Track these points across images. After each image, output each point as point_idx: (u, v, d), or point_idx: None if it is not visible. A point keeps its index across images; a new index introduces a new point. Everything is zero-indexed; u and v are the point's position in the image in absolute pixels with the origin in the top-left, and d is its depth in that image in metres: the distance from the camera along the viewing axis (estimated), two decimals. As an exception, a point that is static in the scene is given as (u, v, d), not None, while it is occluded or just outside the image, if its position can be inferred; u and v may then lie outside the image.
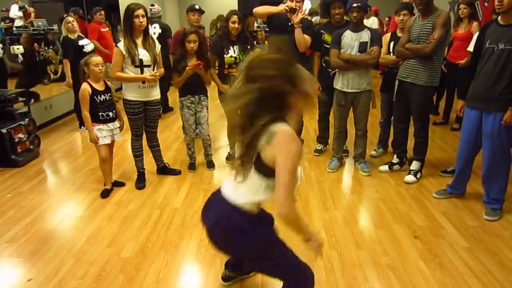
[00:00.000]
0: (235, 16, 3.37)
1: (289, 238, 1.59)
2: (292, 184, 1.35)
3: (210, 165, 3.70)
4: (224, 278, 2.10)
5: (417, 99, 3.15)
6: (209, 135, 3.59)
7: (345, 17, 3.52)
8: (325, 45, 3.54)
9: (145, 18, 2.93)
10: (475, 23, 4.28)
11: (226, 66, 3.48)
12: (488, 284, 2.07)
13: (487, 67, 2.55)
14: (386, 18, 7.97)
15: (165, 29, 5.13)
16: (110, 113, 3.03)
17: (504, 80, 2.48)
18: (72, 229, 2.68)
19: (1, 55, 4.56)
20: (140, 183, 3.30)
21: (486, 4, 5.69)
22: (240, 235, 1.49)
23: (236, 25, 3.34)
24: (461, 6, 4.36)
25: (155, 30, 4.95)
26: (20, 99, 4.19)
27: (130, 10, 2.88)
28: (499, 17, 2.53)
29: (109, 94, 3.04)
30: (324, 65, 3.64)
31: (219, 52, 3.46)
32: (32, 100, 4.75)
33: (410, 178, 3.31)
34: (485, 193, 2.80)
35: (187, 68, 3.18)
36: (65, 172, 3.70)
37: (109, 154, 3.14)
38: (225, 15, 3.53)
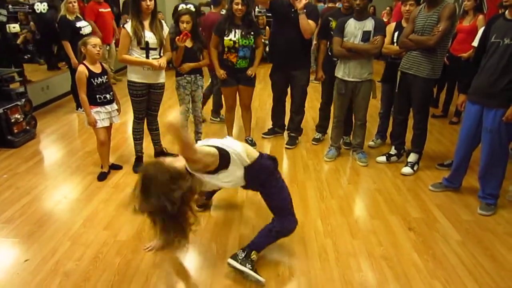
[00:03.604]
0: None
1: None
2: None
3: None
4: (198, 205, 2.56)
5: (418, 91, 3.14)
6: (201, 113, 3.70)
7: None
8: (332, 33, 3.49)
9: (152, 1, 2.90)
10: (480, 16, 4.23)
11: (226, 50, 3.45)
12: (479, 277, 2.10)
13: (491, 62, 2.53)
14: (388, 8, 7.86)
15: (197, 9, 5.03)
16: (108, 95, 3.00)
17: (507, 76, 2.45)
18: (69, 211, 2.68)
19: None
20: (138, 166, 3.28)
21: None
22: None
23: (240, 6, 3.27)
24: (465, -2, 4.31)
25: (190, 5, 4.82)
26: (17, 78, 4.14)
27: None
28: (507, 12, 2.50)
29: (105, 77, 3.00)
30: (329, 53, 3.59)
31: (221, 34, 3.41)
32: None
33: (407, 170, 3.32)
34: (480, 188, 2.81)
35: (177, 41, 3.16)
36: (61, 154, 3.68)
37: (107, 137, 3.12)
38: None
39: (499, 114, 2.52)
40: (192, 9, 4.29)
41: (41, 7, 4.99)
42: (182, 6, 4.86)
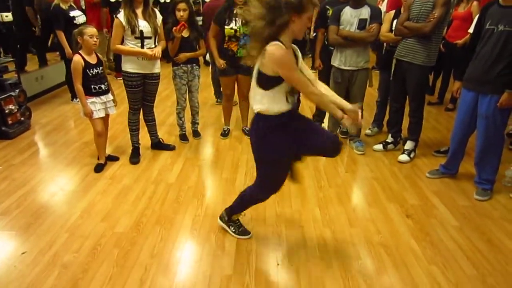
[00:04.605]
0: None
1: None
2: (301, 79, 1.77)
3: (196, 134, 3.78)
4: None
5: (413, 78, 3.13)
6: (198, 103, 3.68)
7: None
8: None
9: None
10: (475, 3, 4.21)
11: (226, 39, 3.41)
12: (476, 262, 2.13)
13: (485, 49, 2.52)
14: None
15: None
16: (102, 86, 2.97)
17: (501, 62, 2.45)
18: (66, 203, 2.66)
19: None
20: (135, 158, 3.27)
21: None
22: (255, 135, 1.94)
23: None
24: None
25: None
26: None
27: None
28: None
29: (101, 68, 2.97)
30: (326, 42, 3.55)
31: (221, 23, 3.37)
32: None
33: (403, 157, 3.33)
34: (477, 174, 2.83)
35: (174, 32, 3.13)
36: (57, 145, 3.64)
37: (104, 128, 3.09)
38: None
39: (494, 100, 2.52)
40: None
41: None
42: None
